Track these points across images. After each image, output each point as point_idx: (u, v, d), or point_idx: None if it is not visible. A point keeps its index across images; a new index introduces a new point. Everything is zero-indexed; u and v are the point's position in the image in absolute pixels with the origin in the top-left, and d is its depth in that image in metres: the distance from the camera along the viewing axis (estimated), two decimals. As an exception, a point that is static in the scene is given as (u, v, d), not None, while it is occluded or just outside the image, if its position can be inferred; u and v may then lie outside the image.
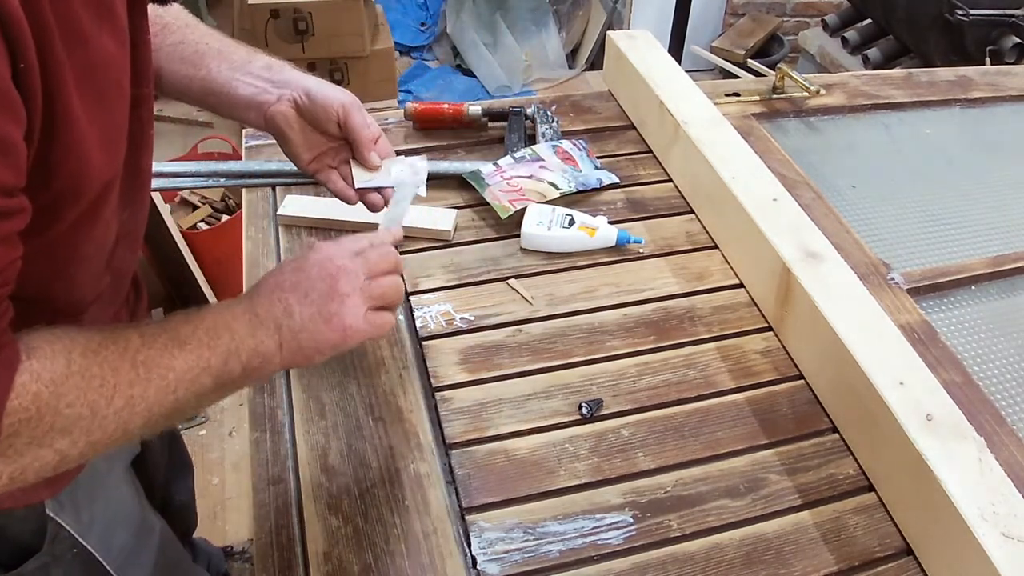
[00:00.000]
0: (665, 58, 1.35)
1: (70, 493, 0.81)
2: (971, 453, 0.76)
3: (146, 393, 0.59)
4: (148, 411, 0.59)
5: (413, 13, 3.86)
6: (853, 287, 0.93)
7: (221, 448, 1.96)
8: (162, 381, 0.60)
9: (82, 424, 0.55)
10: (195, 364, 0.62)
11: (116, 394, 0.57)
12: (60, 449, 0.55)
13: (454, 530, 0.78)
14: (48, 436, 0.54)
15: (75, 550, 0.84)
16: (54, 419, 0.54)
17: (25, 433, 0.52)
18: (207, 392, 0.64)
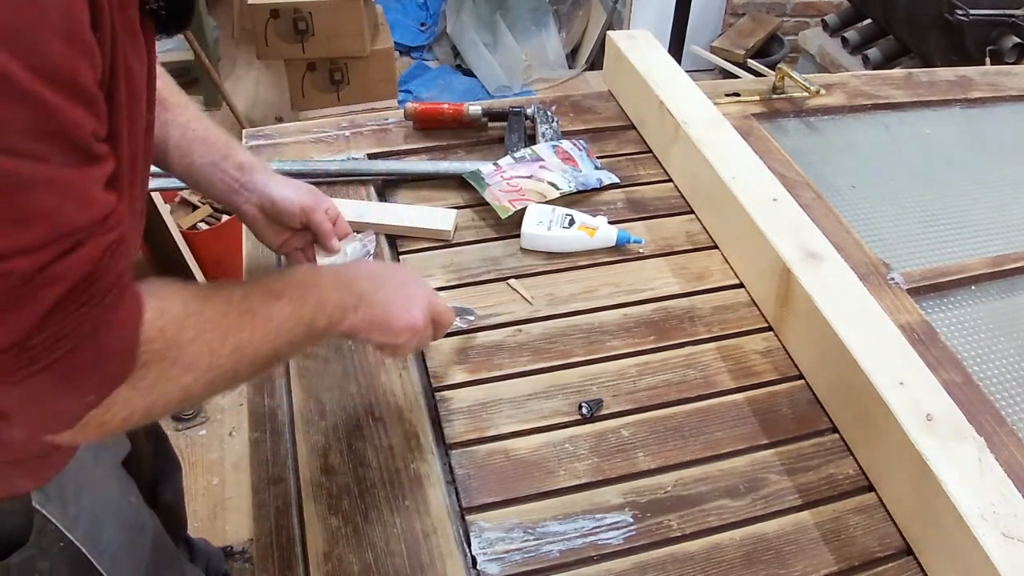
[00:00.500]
0: (665, 58, 1.35)
1: (57, 485, 0.81)
2: (971, 453, 0.76)
3: (252, 338, 0.64)
4: (254, 356, 0.64)
5: (413, 13, 3.86)
6: (853, 287, 0.93)
7: (221, 448, 1.96)
8: (264, 329, 0.65)
9: (202, 363, 0.60)
10: (291, 315, 0.68)
11: (228, 337, 0.62)
12: (185, 386, 0.59)
13: (454, 530, 0.78)
14: (174, 371, 0.58)
15: (62, 543, 0.84)
16: (178, 354, 0.58)
17: (155, 366, 0.56)
18: (298, 341, 0.69)
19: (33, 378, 0.51)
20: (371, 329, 0.76)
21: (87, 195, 0.51)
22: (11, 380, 0.51)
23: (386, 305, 0.77)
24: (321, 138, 1.28)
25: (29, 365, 0.50)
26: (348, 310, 0.74)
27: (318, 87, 3.07)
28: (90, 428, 0.55)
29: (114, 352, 0.54)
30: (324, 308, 0.71)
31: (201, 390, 0.61)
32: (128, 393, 0.55)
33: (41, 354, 0.50)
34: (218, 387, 0.63)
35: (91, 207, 0.51)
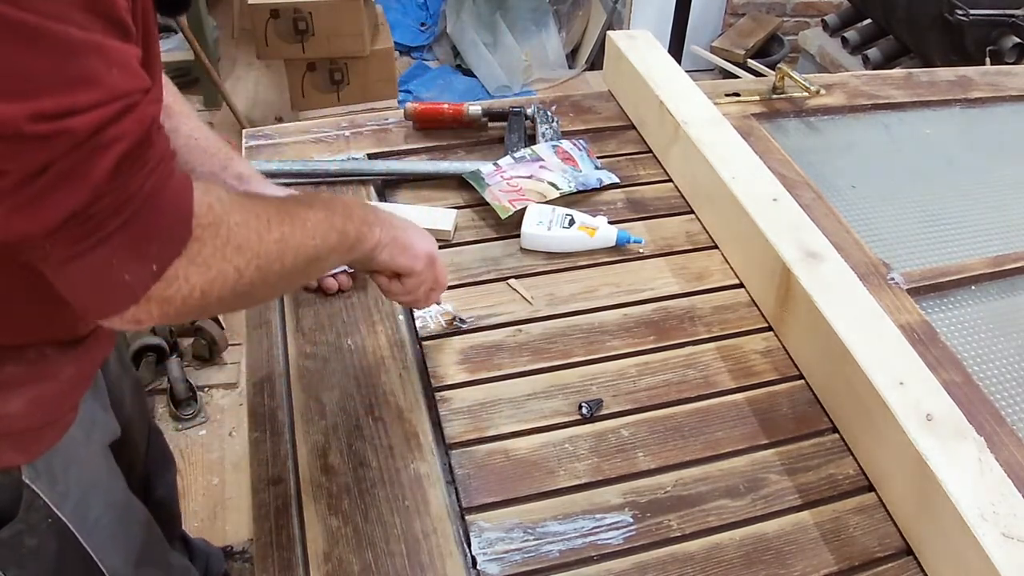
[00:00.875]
0: (665, 58, 1.35)
1: (46, 462, 0.81)
2: (971, 453, 0.76)
3: (294, 233, 0.67)
4: (297, 249, 0.68)
5: (413, 13, 3.86)
6: (853, 287, 0.93)
7: (221, 448, 1.96)
8: (303, 226, 0.69)
9: (251, 246, 0.63)
10: (324, 219, 0.72)
11: (271, 226, 0.65)
12: (238, 267, 0.62)
13: (454, 530, 0.78)
14: (227, 250, 0.61)
15: (50, 519, 0.84)
16: (229, 234, 0.61)
17: (209, 242, 0.59)
18: (334, 247, 0.73)
19: (102, 245, 0.53)
20: (394, 247, 0.81)
21: (131, 65, 0.54)
22: (81, 250, 0.53)
23: (406, 232, 0.83)
24: (321, 138, 1.28)
25: (97, 231, 0.53)
26: (373, 225, 0.78)
27: (318, 87, 3.07)
28: (153, 305, 0.58)
29: (172, 217, 0.57)
30: (352, 218, 0.76)
31: (253, 276, 0.63)
32: (187, 268, 0.58)
33: (108, 218, 0.53)
34: (268, 279, 0.65)
35: (136, 76, 0.54)
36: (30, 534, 0.83)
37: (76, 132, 0.50)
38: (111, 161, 0.52)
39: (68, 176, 0.51)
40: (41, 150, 0.49)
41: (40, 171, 0.50)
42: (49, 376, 0.76)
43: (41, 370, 0.75)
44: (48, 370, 0.76)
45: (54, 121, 0.49)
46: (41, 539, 0.84)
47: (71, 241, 0.53)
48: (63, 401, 0.80)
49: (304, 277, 0.75)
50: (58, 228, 0.52)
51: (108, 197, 0.52)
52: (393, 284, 0.86)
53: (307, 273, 0.74)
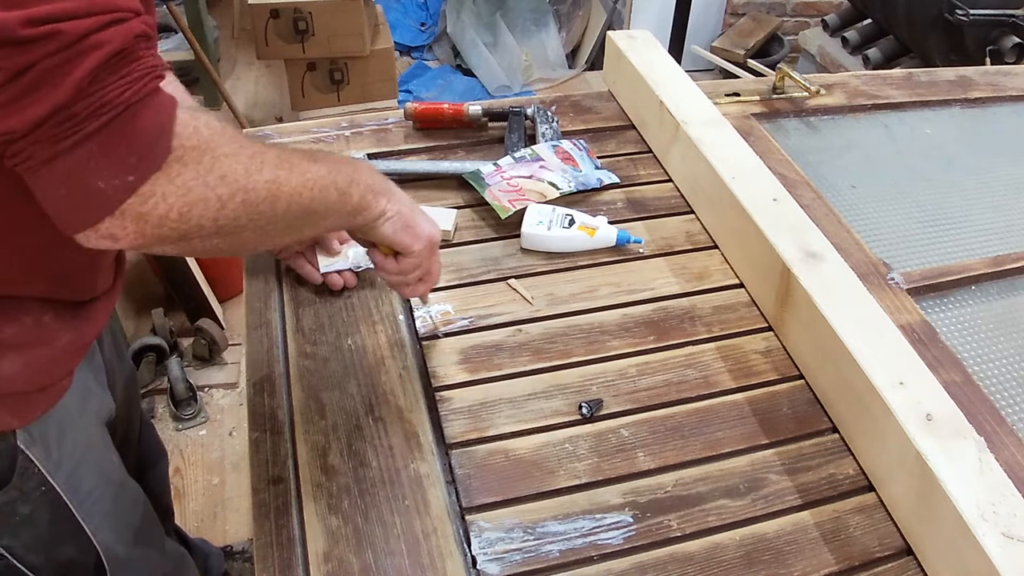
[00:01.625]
0: (665, 58, 1.35)
1: (41, 428, 0.82)
2: (971, 453, 0.76)
3: (290, 179, 0.67)
4: (290, 197, 0.67)
5: (413, 13, 3.86)
6: (853, 287, 0.93)
7: (221, 448, 1.96)
8: (302, 176, 0.68)
9: (238, 179, 0.62)
10: (326, 175, 0.71)
11: (264, 167, 0.65)
12: (221, 196, 0.61)
13: (454, 530, 0.78)
14: (210, 177, 0.61)
15: (43, 487, 0.84)
16: (214, 161, 0.61)
17: (191, 165, 0.59)
18: (332, 207, 0.73)
19: (79, 146, 0.55)
20: (398, 221, 0.81)
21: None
22: (59, 150, 0.55)
23: (412, 211, 0.83)
24: (321, 138, 1.28)
25: (76, 131, 0.54)
26: (380, 195, 0.78)
27: (318, 87, 3.08)
28: (128, 220, 0.58)
29: (152, 129, 0.57)
30: (357, 183, 0.75)
31: (238, 210, 0.63)
32: (164, 186, 0.58)
33: (87, 119, 0.54)
34: (256, 220, 0.65)
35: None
36: (23, 502, 0.83)
37: (65, 34, 0.52)
38: (93, 63, 0.54)
39: (52, 74, 0.53)
40: (31, 51, 0.52)
41: (26, 69, 0.52)
42: (46, 341, 0.77)
43: (38, 335, 0.76)
44: (45, 335, 0.77)
45: (46, 24, 0.51)
46: (34, 507, 0.85)
47: (51, 140, 0.54)
48: (58, 367, 0.81)
49: (298, 230, 0.75)
50: (39, 124, 0.54)
51: (88, 98, 0.54)
52: (388, 261, 0.86)
53: (302, 226, 0.74)
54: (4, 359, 0.74)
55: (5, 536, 0.85)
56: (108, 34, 0.54)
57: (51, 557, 0.90)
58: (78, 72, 0.53)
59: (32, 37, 0.51)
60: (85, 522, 0.91)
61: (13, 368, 0.75)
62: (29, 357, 0.76)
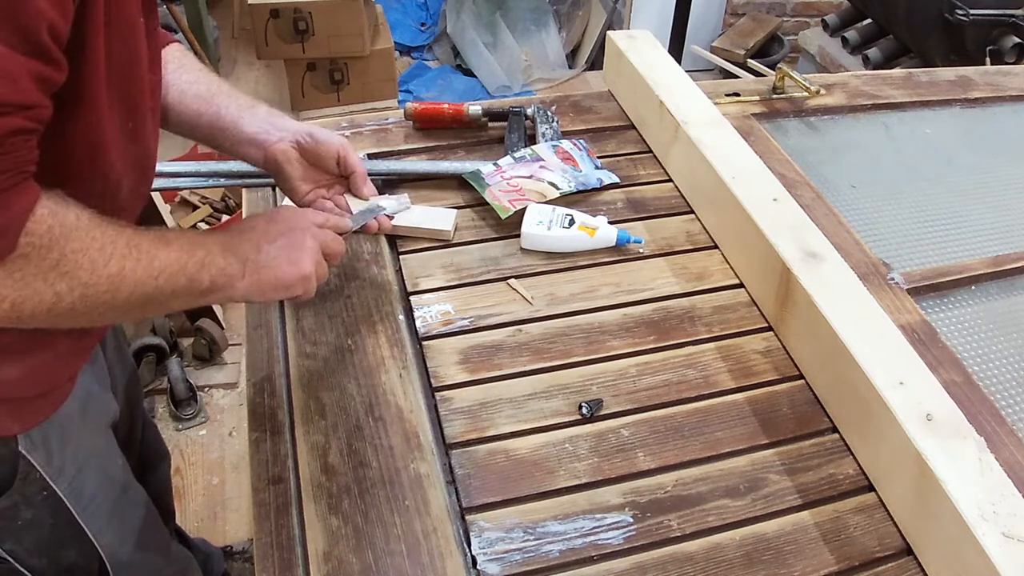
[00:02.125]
0: (665, 58, 1.35)
1: (42, 434, 0.82)
2: (971, 453, 0.76)
3: (136, 269, 0.67)
4: (133, 288, 0.67)
5: (413, 13, 3.86)
6: (853, 287, 0.93)
7: (221, 448, 1.96)
8: (149, 265, 0.68)
9: (81, 275, 0.63)
10: (176, 261, 0.71)
11: (112, 260, 0.65)
12: (59, 292, 0.62)
13: (454, 530, 0.78)
14: (52, 274, 0.61)
15: (45, 492, 0.84)
16: (60, 258, 0.61)
17: (34, 260, 0.60)
18: (179, 292, 0.72)
19: None
20: (263, 291, 0.80)
21: (15, 78, 0.55)
22: None
23: (272, 266, 0.80)
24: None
25: None
26: (235, 277, 0.77)
27: (318, 87, 3.07)
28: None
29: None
30: (208, 269, 0.74)
31: (74, 303, 0.63)
32: (1, 279, 0.59)
33: None
34: (91, 309, 0.65)
35: (17, 90, 0.55)
36: (25, 506, 0.83)
37: None
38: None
39: None
40: None
41: None
42: (46, 345, 0.77)
43: (38, 339, 0.76)
44: (45, 339, 0.77)
45: None
46: (36, 512, 0.85)
47: None
48: (59, 371, 0.81)
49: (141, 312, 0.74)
50: None
51: None
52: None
53: (144, 311, 0.73)
54: (5, 364, 0.74)
55: (7, 540, 0.85)
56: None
57: (53, 561, 0.90)
58: None
59: None
60: (88, 526, 0.91)
61: (14, 373, 0.75)
62: (30, 361, 0.76)
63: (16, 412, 0.78)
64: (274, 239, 0.81)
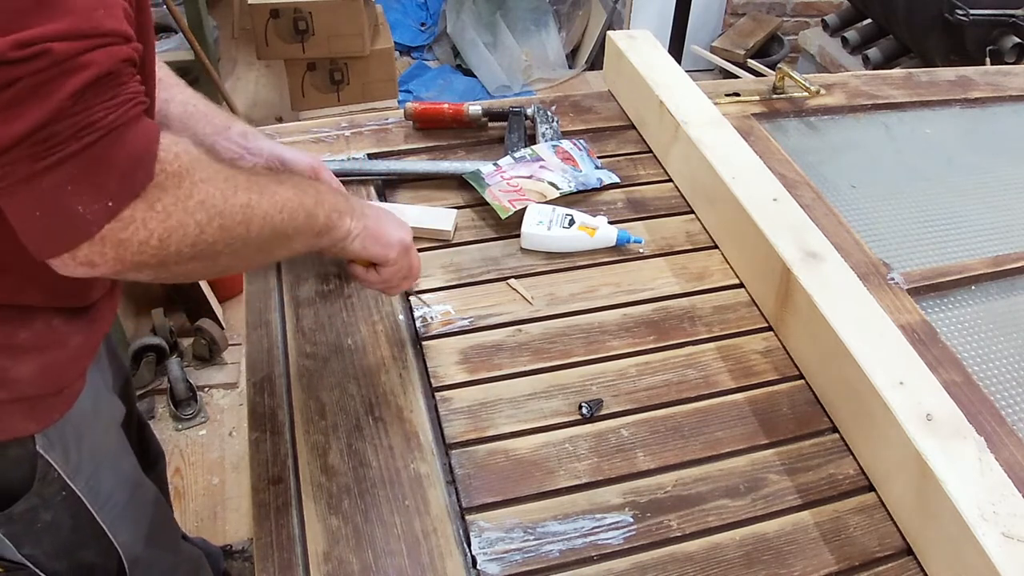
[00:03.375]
0: (665, 58, 1.35)
1: (59, 432, 0.82)
2: (971, 453, 0.76)
3: (260, 202, 0.67)
4: (263, 221, 0.67)
5: (413, 13, 3.86)
6: (853, 287, 0.93)
7: (221, 448, 1.96)
8: (272, 199, 0.68)
9: (215, 203, 0.63)
10: (293, 197, 0.72)
11: (238, 191, 0.65)
12: (199, 223, 0.62)
13: (454, 530, 0.78)
14: (189, 202, 0.61)
15: (64, 492, 0.84)
16: (192, 187, 0.61)
17: (170, 189, 0.59)
18: (301, 228, 0.73)
19: (58, 167, 0.54)
20: (366, 237, 0.81)
21: (115, 11, 0.56)
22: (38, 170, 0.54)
23: (378, 220, 0.82)
24: (321, 138, 1.28)
25: (55, 151, 0.54)
26: (344, 214, 0.78)
27: (318, 87, 3.07)
28: (108, 246, 0.58)
29: (134, 155, 0.57)
30: (323, 204, 0.75)
31: (216, 235, 0.63)
32: (146, 212, 0.58)
33: (67, 140, 0.54)
34: (232, 243, 0.65)
35: (118, 21, 0.56)
36: (45, 508, 0.84)
37: (53, 53, 0.52)
38: (79, 83, 0.53)
39: (34, 92, 0.52)
40: (17, 69, 0.52)
41: (9, 84, 0.52)
42: (58, 344, 0.77)
43: (50, 337, 0.76)
44: (57, 337, 0.77)
45: (34, 45, 0.51)
46: (56, 513, 0.85)
47: (31, 158, 0.54)
48: (72, 368, 0.81)
49: (269, 253, 0.75)
50: (19, 142, 0.53)
51: (70, 119, 0.53)
52: (370, 274, 0.87)
53: (273, 249, 0.74)
54: (20, 363, 0.74)
55: (27, 544, 0.85)
56: (97, 56, 0.54)
57: (73, 562, 0.90)
58: (63, 91, 0.53)
59: (20, 57, 0.51)
60: (106, 525, 0.91)
61: (29, 371, 0.75)
62: (44, 360, 0.76)
63: (32, 411, 0.78)
64: (376, 209, 0.84)
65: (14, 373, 0.74)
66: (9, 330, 0.73)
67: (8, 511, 0.81)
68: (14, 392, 0.75)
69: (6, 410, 0.76)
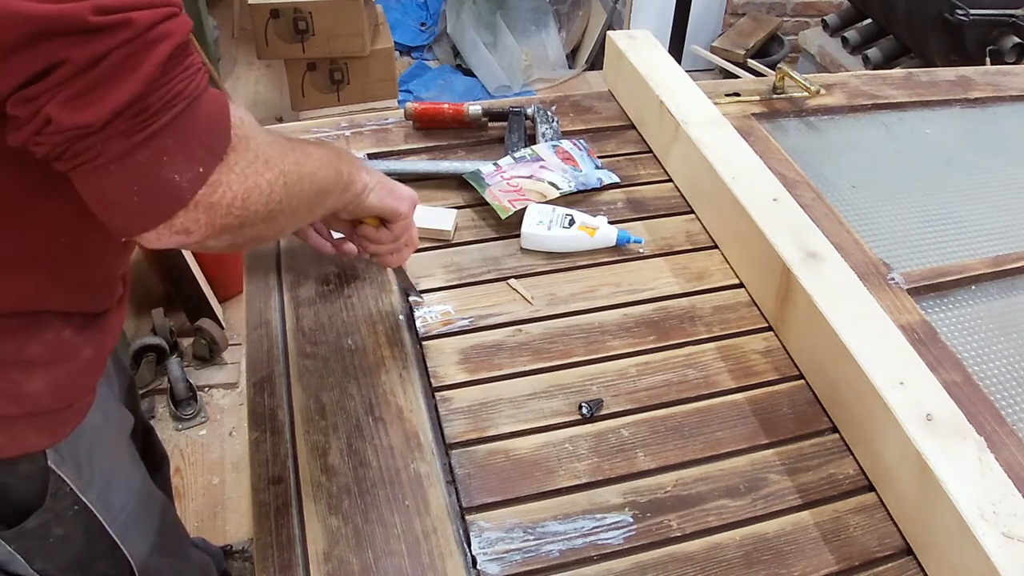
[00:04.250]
0: (665, 58, 1.35)
1: (70, 447, 0.82)
2: (971, 453, 0.76)
3: (305, 162, 0.70)
4: (311, 177, 0.71)
5: (413, 13, 3.86)
6: (853, 287, 0.93)
7: (221, 448, 1.96)
8: (311, 157, 0.72)
9: (276, 163, 0.65)
10: (325, 156, 0.76)
11: (286, 152, 0.68)
12: (270, 182, 0.64)
13: (454, 530, 0.78)
14: (258, 163, 0.63)
15: (76, 507, 0.84)
16: (257, 149, 0.63)
17: (241, 152, 0.61)
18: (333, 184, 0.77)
19: (154, 139, 0.55)
20: (382, 189, 0.85)
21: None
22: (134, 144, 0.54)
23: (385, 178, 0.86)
24: (321, 138, 1.28)
25: (149, 124, 0.54)
26: (360, 170, 0.82)
27: (318, 87, 3.07)
28: (201, 211, 0.59)
29: (215, 122, 0.59)
30: (344, 161, 0.79)
31: (281, 193, 0.66)
32: (227, 175, 0.60)
33: (159, 111, 0.55)
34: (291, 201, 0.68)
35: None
36: (57, 523, 0.83)
37: (136, 23, 0.52)
38: (162, 55, 0.54)
39: (123, 66, 0.52)
40: (102, 40, 0.51)
41: (98, 60, 0.51)
42: (69, 357, 0.77)
43: (61, 351, 0.76)
44: (68, 350, 0.77)
45: (116, 13, 0.51)
46: (68, 527, 0.85)
47: (125, 134, 0.54)
48: (82, 382, 0.81)
49: (314, 211, 0.77)
50: (114, 117, 0.53)
51: (159, 91, 0.54)
52: (382, 232, 0.89)
53: (317, 206, 0.76)
54: (32, 378, 0.74)
55: (38, 559, 0.84)
56: (172, 25, 0.55)
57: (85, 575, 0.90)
58: (148, 64, 0.53)
59: (103, 25, 0.51)
60: (118, 536, 0.91)
61: (40, 386, 0.74)
62: (55, 374, 0.76)
63: (44, 426, 0.78)
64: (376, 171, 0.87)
65: (26, 388, 0.73)
66: (21, 343, 0.72)
67: (20, 527, 0.81)
68: (26, 407, 0.75)
69: (18, 425, 0.75)
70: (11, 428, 0.75)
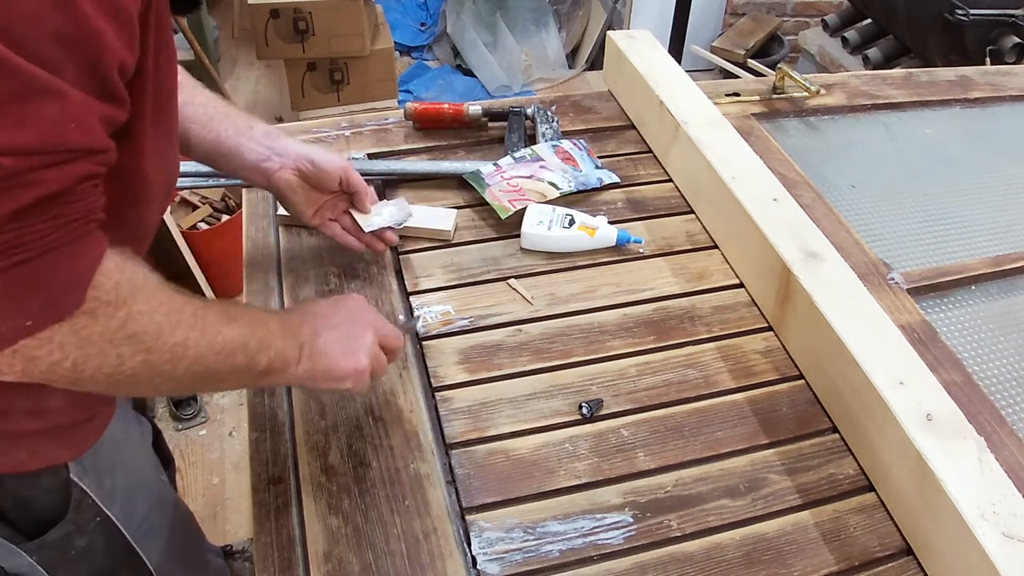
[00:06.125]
0: (665, 58, 1.35)
1: (92, 459, 0.82)
2: (971, 453, 0.76)
3: (199, 342, 0.64)
4: (194, 361, 0.64)
5: (413, 13, 3.86)
6: (853, 287, 0.93)
7: (221, 448, 1.96)
8: (213, 338, 0.65)
9: (146, 340, 0.60)
10: (238, 338, 0.68)
11: (178, 328, 0.62)
12: (121, 355, 0.59)
13: (454, 530, 0.78)
14: (117, 335, 0.58)
15: (98, 518, 0.84)
16: (126, 318, 0.58)
17: (100, 318, 0.57)
18: (238, 369, 0.69)
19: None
20: (315, 379, 0.76)
21: (89, 122, 0.53)
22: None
23: (327, 354, 0.76)
24: (321, 138, 1.28)
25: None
26: (291, 363, 0.73)
27: (318, 87, 3.08)
28: (17, 359, 0.55)
29: (65, 280, 0.54)
30: (267, 350, 0.71)
31: (135, 369, 0.60)
32: (66, 336, 0.56)
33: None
34: (150, 378, 0.62)
35: (89, 135, 0.53)
36: (79, 535, 0.83)
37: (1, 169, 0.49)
38: (19, 203, 0.51)
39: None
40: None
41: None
42: None
43: None
44: None
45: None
46: (90, 539, 0.85)
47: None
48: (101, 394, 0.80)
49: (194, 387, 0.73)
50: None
51: (5, 235, 0.51)
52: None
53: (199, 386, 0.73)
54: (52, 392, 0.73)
55: (60, 571, 0.84)
56: (47, 174, 0.51)
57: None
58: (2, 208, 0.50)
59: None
60: (140, 548, 0.91)
61: (59, 401, 0.74)
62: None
63: (66, 439, 0.78)
64: (334, 327, 0.78)
65: (48, 402, 0.73)
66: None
67: (42, 539, 0.81)
68: (48, 421, 0.75)
69: (40, 439, 0.75)
70: (33, 442, 0.75)
